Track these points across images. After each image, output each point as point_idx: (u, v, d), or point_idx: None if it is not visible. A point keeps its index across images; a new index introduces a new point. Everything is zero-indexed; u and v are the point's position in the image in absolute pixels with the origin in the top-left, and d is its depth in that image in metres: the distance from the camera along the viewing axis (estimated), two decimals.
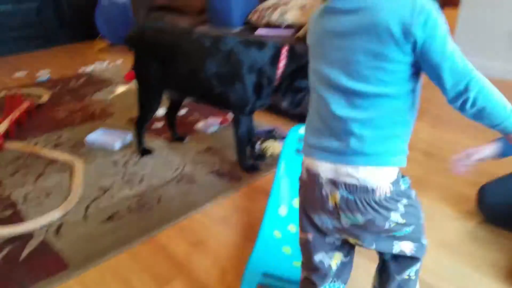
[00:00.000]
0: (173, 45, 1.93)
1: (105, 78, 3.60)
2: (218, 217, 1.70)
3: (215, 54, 1.84)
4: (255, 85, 1.84)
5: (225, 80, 1.85)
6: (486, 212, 1.57)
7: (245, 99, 1.86)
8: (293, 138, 1.63)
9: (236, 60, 1.81)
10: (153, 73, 1.98)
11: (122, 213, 1.72)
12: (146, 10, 3.73)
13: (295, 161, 1.60)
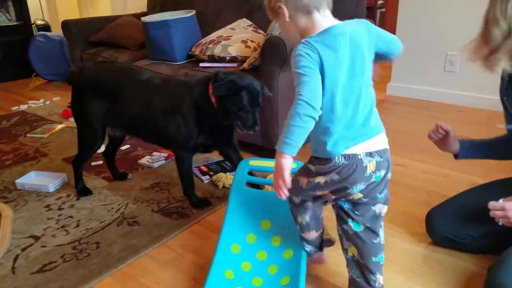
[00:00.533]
0: (118, 82, 1.85)
1: (40, 117, 3.39)
2: (164, 260, 1.57)
3: (163, 91, 1.79)
4: (196, 120, 1.76)
5: (168, 116, 1.77)
6: (434, 237, 1.57)
7: (187, 135, 1.77)
8: (243, 171, 1.56)
9: (177, 95, 1.76)
10: (95, 111, 1.87)
11: (56, 263, 1.55)
12: (82, 46, 3.60)
13: (246, 195, 1.53)
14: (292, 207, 1.33)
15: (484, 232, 1.43)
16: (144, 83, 1.83)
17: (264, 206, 1.52)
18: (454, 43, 3.20)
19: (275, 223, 1.49)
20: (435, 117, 3.04)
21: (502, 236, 1.41)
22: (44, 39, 4.60)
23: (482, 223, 1.42)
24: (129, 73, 1.90)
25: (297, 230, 1.40)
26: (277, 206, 1.49)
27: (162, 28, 2.81)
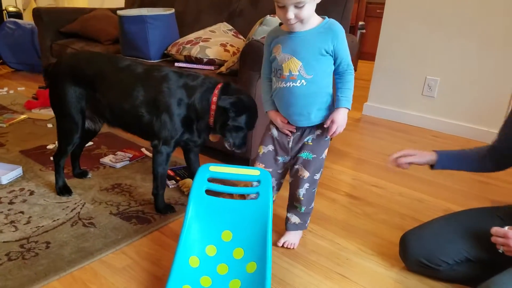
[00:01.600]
0: (100, 71, 1.74)
1: (1, 105, 3.22)
2: (119, 267, 1.46)
3: (146, 81, 1.69)
4: (184, 118, 1.68)
5: (153, 109, 1.67)
6: (408, 262, 1.51)
7: (171, 130, 1.67)
8: (202, 177, 1.45)
9: (167, 89, 1.66)
10: (74, 101, 1.76)
11: (0, 260, 1.42)
12: (53, 36, 3.45)
13: (205, 203, 1.42)
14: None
15: (460, 259, 1.38)
16: (129, 72, 1.73)
17: (225, 216, 1.42)
18: (434, 68, 3.21)
19: (236, 234, 1.40)
20: (412, 140, 3.03)
21: (478, 266, 1.38)
22: (14, 27, 4.43)
23: (458, 250, 1.38)
24: (111, 60, 1.78)
25: (260, 241, 1.33)
26: (239, 216, 1.41)
27: (138, 23, 2.70)
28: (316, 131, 1.49)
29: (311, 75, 1.38)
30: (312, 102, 1.41)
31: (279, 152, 1.54)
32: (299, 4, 1.26)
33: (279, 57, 1.39)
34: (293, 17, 1.29)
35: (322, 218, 1.85)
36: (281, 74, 1.39)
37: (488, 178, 2.38)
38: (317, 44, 1.36)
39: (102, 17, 3.48)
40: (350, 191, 2.15)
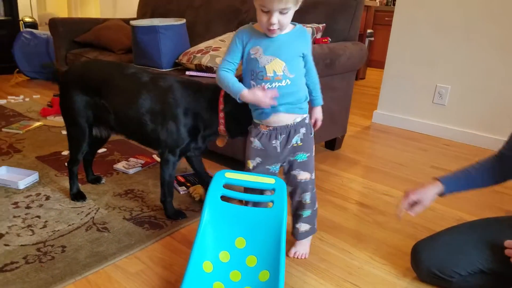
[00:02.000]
0: (107, 79, 1.77)
1: (17, 112, 3.29)
2: (132, 271, 1.49)
3: (152, 91, 1.72)
4: (190, 128, 1.70)
5: (158, 118, 1.70)
6: (419, 271, 1.50)
7: (177, 140, 1.70)
8: (218, 183, 1.47)
9: (172, 99, 1.69)
10: (82, 109, 1.80)
11: (17, 263, 1.46)
12: (68, 45, 3.52)
13: (220, 209, 1.44)
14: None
15: (473, 271, 1.37)
16: (134, 79, 1.76)
17: (240, 223, 1.43)
18: (444, 76, 3.22)
19: (250, 241, 1.41)
20: (422, 148, 3.04)
21: (492, 277, 1.37)
22: (30, 36, 4.54)
23: (471, 261, 1.37)
24: (117, 68, 1.82)
25: (274, 250, 1.34)
26: (254, 223, 1.42)
27: (150, 33, 2.75)
28: (301, 130, 1.50)
29: (293, 74, 1.42)
30: (294, 99, 1.46)
31: (268, 161, 1.53)
32: (284, 10, 1.31)
33: (260, 59, 1.41)
34: (277, 23, 1.32)
35: (333, 227, 1.87)
36: (263, 76, 1.41)
37: (502, 188, 2.38)
38: (296, 46, 1.43)
39: (115, 27, 3.55)
40: (361, 199, 2.16)
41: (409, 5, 3.32)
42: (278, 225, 1.39)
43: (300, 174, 1.53)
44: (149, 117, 1.71)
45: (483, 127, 3.12)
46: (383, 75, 3.59)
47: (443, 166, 2.69)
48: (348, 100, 2.75)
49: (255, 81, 1.43)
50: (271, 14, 1.31)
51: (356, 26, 2.56)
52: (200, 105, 1.69)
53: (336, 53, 2.31)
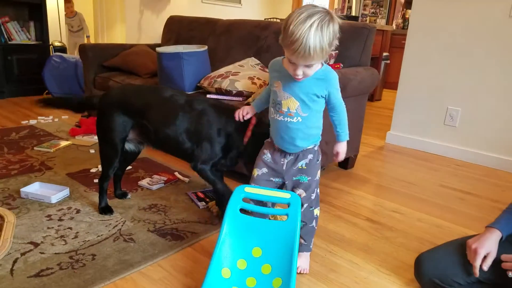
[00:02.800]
0: (147, 101, 1.98)
1: (47, 132, 3.49)
2: (156, 278, 1.62)
3: (188, 113, 1.93)
4: (223, 146, 1.92)
5: (194, 137, 1.92)
6: (422, 281, 1.59)
7: (211, 155, 1.92)
8: (237, 197, 1.60)
9: (207, 121, 1.91)
10: (120, 130, 1.98)
11: (52, 269, 1.60)
12: (96, 69, 3.74)
13: (239, 221, 1.57)
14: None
15: (471, 281, 1.46)
16: (172, 101, 1.97)
17: (257, 234, 1.56)
18: (455, 98, 3.33)
19: (266, 251, 1.54)
20: (433, 168, 3.13)
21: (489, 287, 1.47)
22: (59, 60, 4.77)
23: (469, 271, 1.46)
24: (155, 91, 2.03)
25: (287, 259, 1.46)
26: (269, 235, 1.55)
27: (175, 59, 2.94)
28: (308, 156, 1.63)
29: (306, 113, 1.54)
30: (304, 135, 1.58)
31: (273, 174, 1.68)
32: (310, 65, 1.41)
33: (279, 93, 1.54)
34: (301, 74, 1.42)
35: (342, 240, 1.98)
36: (279, 109, 1.55)
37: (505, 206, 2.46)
38: (313, 89, 1.51)
39: (141, 53, 3.75)
40: (371, 215, 2.27)
41: (420, 31, 3.46)
42: (291, 237, 1.51)
43: (297, 191, 1.66)
44: (186, 136, 1.93)
45: (493, 148, 3.21)
46: (396, 97, 3.71)
47: (452, 186, 2.78)
48: (360, 122, 2.87)
49: (274, 108, 1.60)
50: (296, 67, 1.41)
51: (367, 52, 2.70)
52: (231, 127, 1.90)
53: (347, 77, 2.45)
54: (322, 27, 1.31)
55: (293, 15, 1.34)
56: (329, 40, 1.34)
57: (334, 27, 1.35)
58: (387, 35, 6.04)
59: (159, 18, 5.73)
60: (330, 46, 1.36)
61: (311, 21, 1.30)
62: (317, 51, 1.32)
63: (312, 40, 1.30)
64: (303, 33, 1.30)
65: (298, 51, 1.32)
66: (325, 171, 2.90)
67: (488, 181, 2.93)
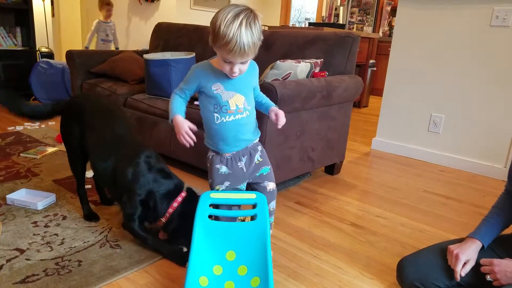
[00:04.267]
0: (93, 120, 1.98)
1: (34, 139, 3.48)
2: (142, 284, 1.64)
3: (120, 156, 1.88)
4: (142, 200, 1.83)
5: (120, 183, 1.85)
6: (403, 285, 1.62)
7: (134, 208, 1.82)
8: (205, 204, 1.61)
9: (135, 175, 1.83)
10: (76, 137, 2.01)
11: (38, 276, 1.61)
12: (83, 75, 3.74)
13: (209, 228, 1.59)
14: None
15: (451, 284, 1.51)
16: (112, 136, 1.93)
17: (228, 237, 1.59)
18: (439, 105, 3.40)
19: (239, 253, 1.57)
20: (417, 174, 3.18)
21: None
22: (46, 66, 4.76)
23: (449, 275, 1.50)
24: (106, 114, 2.00)
25: (262, 257, 1.50)
26: (241, 237, 1.58)
27: (162, 66, 2.96)
28: (258, 147, 1.71)
29: (250, 106, 1.62)
30: (251, 127, 1.66)
31: (236, 183, 1.68)
32: (244, 61, 1.48)
33: (223, 94, 1.55)
34: (238, 71, 1.48)
35: (327, 245, 2.01)
36: (227, 109, 1.56)
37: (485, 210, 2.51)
38: (250, 82, 1.61)
39: (128, 59, 3.76)
40: (355, 220, 2.30)
41: (404, 39, 3.53)
42: (263, 235, 1.55)
43: (268, 184, 1.74)
44: (113, 179, 1.88)
45: (475, 154, 3.28)
46: (381, 104, 3.77)
47: (435, 191, 2.83)
48: (345, 128, 2.91)
49: (219, 113, 1.57)
50: (233, 65, 1.46)
51: (352, 60, 2.75)
52: (157, 189, 1.82)
53: (332, 85, 2.49)
54: (250, 24, 1.38)
55: (219, 16, 1.39)
56: (258, 35, 1.42)
57: (259, 22, 1.43)
58: (374, 43, 6.12)
59: (147, 24, 5.75)
60: (259, 41, 1.44)
61: (239, 20, 1.37)
62: (250, 47, 1.40)
63: (245, 37, 1.37)
64: (235, 32, 1.36)
65: (234, 50, 1.38)
66: (311, 177, 2.94)
67: (470, 186, 2.99)
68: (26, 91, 4.88)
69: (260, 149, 1.72)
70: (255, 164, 1.69)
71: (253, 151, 1.69)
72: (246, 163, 1.67)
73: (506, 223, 1.56)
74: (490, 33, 3.08)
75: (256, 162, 1.69)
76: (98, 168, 1.94)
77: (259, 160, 1.70)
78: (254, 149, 1.70)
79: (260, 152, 1.71)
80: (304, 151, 2.54)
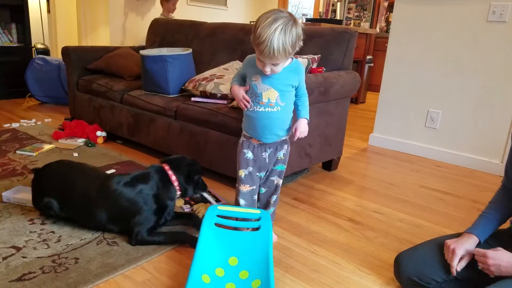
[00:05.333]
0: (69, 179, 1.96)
1: (30, 136, 3.47)
2: (139, 281, 1.63)
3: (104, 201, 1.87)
4: (155, 211, 1.89)
5: (123, 219, 1.87)
6: (401, 280, 1.64)
7: (146, 223, 1.87)
8: (212, 213, 1.74)
9: (128, 201, 1.86)
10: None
11: (35, 273, 1.60)
12: (79, 72, 3.72)
13: (214, 234, 1.68)
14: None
15: (448, 278, 1.51)
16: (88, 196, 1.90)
17: (232, 244, 1.66)
18: (436, 101, 3.39)
19: (242, 259, 1.61)
20: (414, 170, 3.18)
21: (466, 284, 1.51)
22: (42, 62, 4.73)
23: (446, 269, 1.51)
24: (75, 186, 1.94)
25: (264, 262, 1.54)
26: (244, 245, 1.65)
27: (159, 62, 2.95)
28: (284, 146, 1.81)
29: (284, 103, 1.69)
30: (282, 123, 1.72)
31: (257, 170, 1.82)
32: (276, 63, 1.56)
33: (259, 85, 1.66)
34: (269, 70, 1.57)
35: (324, 241, 2.01)
36: (260, 100, 1.67)
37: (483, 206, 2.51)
38: (288, 80, 1.66)
39: (125, 55, 3.74)
40: (353, 216, 2.30)
41: (402, 35, 3.52)
42: (266, 244, 1.62)
43: (276, 179, 1.85)
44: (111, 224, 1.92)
45: (473, 149, 3.28)
46: (378, 100, 3.76)
47: (432, 186, 2.83)
48: (343, 124, 2.91)
49: (253, 102, 1.70)
50: (264, 64, 1.56)
51: (349, 56, 2.74)
52: (158, 187, 1.91)
53: (330, 81, 2.49)
54: (285, 30, 1.46)
55: (261, 18, 1.48)
56: (291, 43, 1.49)
57: (297, 30, 1.50)
58: (371, 38, 6.12)
59: (144, 20, 5.72)
60: (293, 48, 1.51)
61: (276, 25, 1.45)
62: (280, 52, 1.47)
63: (276, 42, 1.45)
64: (268, 35, 1.45)
65: (264, 51, 1.48)
66: (309, 173, 2.93)
67: (467, 182, 2.99)
68: (22, 88, 4.87)
69: (286, 148, 1.82)
70: (276, 159, 1.80)
71: (279, 146, 1.79)
72: (270, 155, 1.79)
73: (502, 219, 1.56)
74: (487, 28, 3.08)
75: (278, 158, 1.80)
76: (100, 228, 1.95)
77: (281, 157, 1.81)
78: (281, 145, 1.80)
79: (284, 151, 1.81)
80: (301, 147, 2.54)
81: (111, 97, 3.34)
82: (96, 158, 2.97)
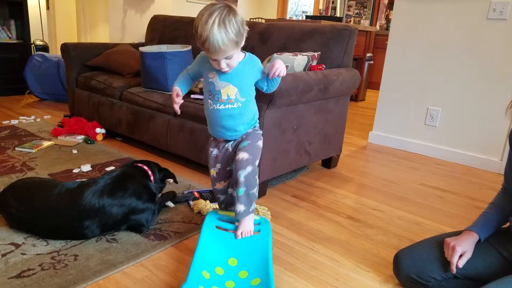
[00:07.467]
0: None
1: (29, 132, 3.46)
2: (139, 278, 1.63)
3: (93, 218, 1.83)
4: (150, 197, 1.99)
5: (119, 223, 1.90)
6: (400, 277, 1.64)
7: (150, 215, 1.98)
8: (213, 217, 1.78)
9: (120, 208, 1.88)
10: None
11: (34, 270, 1.60)
12: (79, 69, 3.72)
13: (215, 235, 1.69)
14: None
15: (447, 276, 1.51)
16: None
17: (231, 246, 1.66)
18: (435, 99, 3.39)
19: (241, 260, 1.61)
20: (414, 167, 3.19)
21: (465, 282, 1.51)
22: (41, 59, 4.72)
23: (445, 267, 1.51)
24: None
25: (263, 263, 1.54)
26: (243, 247, 1.65)
27: (158, 59, 2.94)
28: (248, 136, 1.74)
29: (244, 98, 1.65)
30: (243, 119, 1.69)
31: (226, 163, 1.81)
32: (228, 57, 1.51)
33: (216, 83, 1.62)
34: (226, 66, 1.53)
35: (324, 238, 2.01)
36: (219, 98, 1.63)
37: (482, 203, 2.52)
38: (248, 74, 1.64)
39: (124, 52, 3.73)
40: (352, 214, 2.30)
41: (401, 32, 3.52)
42: (265, 246, 1.63)
43: (239, 154, 1.68)
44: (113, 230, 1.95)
45: (472, 147, 3.28)
46: (378, 98, 3.76)
47: (432, 184, 2.84)
48: (342, 122, 2.91)
49: (212, 100, 1.66)
50: (218, 61, 1.52)
51: (349, 53, 2.74)
52: (141, 189, 1.96)
53: (329, 79, 2.48)
54: (224, 20, 1.42)
55: (197, 17, 1.45)
56: (235, 31, 1.44)
57: (236, 17, 1.45)
58: (371, 36, 6.11)
59: (143, 17, 5.71)
60: (238, 35, 1.46)
61: (212, 18, 1.41)
62: (226, 44, 1.43)
63: (218, 36, 1.41)
64: (208, 31, 1.41)
65: (210, 48, 1.44)
66: (308, 171, 2.93)
67: (466, 179, 2.99)
68: (21, 85, 4.87)
69: (251, 132, 1.75)
70: (240, 146, 1.73)
71: (245, 136, 1.74)
72: (232, 145, 1.76)
73: (503, 219, 1.56)
74: (487, 26, 3.07)
75: (241, 147, 1.71)
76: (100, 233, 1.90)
77: (244, 144, 1.71)
78: (247, 134, 1.74)
79: (244, 135, 1.74)
80: (301, 144, 2.54)
81: (110, 94, 3.33)
82: (95, 155, 2.97)
